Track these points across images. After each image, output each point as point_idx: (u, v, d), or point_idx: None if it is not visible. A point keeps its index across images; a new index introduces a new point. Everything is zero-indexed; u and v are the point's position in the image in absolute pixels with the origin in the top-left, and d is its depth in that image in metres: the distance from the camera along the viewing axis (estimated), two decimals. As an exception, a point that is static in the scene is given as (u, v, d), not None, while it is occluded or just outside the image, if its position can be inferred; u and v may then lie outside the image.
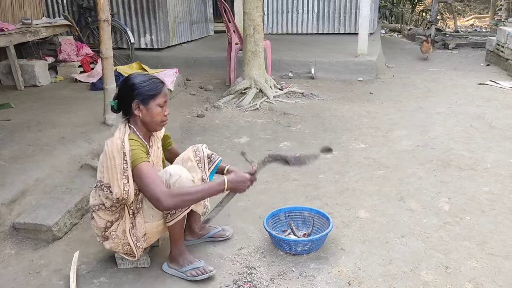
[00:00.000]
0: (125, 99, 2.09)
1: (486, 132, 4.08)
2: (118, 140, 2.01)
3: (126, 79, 2.12)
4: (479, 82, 5.83)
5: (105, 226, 2.12)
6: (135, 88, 2.06)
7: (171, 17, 6.88)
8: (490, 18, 13.68)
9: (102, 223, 2.11)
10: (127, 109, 2.10)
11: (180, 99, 5.31)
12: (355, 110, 4.87)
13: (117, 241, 2.11)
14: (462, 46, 8.96)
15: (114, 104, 2.15)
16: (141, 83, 2.08)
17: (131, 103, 2.07)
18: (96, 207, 2.11)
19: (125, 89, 2.09)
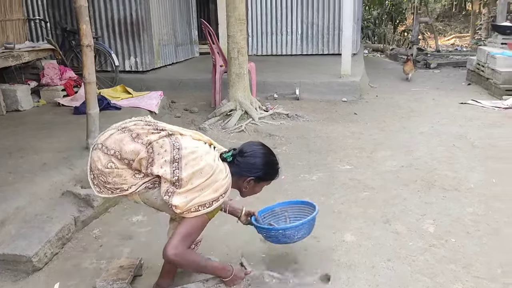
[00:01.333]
0: (246, 172, 2.01)
1: (468, 152, 4.13)
2: (228, 181, 1.92)
3: (255, 153, 2.03)
4: (461, 101, 5.93)
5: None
6: (260, 169, 2.03)
7: (155, 39, 6.91)
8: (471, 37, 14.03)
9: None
10: (238, 173, 2.00)
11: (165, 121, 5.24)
12: (340, 131, 4.90)
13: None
14: (444, 66, 9.15)
15: (228, 159, 1.99)
16: (271, 164, 2.08)
17: (251, 176, 2.01)
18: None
19: (252, 164, 2.01)
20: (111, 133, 1.97)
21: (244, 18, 5.05)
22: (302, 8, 8.35)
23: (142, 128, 1.96)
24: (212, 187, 1.86)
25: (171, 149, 1.88)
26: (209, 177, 1.86)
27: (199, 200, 1.84)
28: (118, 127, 1.99)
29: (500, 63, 6.10)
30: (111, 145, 1.92)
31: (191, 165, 1.85)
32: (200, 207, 1.85)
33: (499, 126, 4.83)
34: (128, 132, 1.94)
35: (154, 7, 6.85)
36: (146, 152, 1.87)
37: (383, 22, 13.05)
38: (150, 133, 1.94)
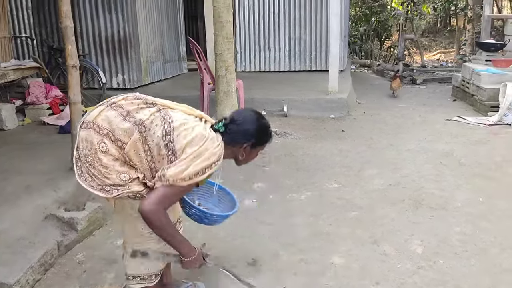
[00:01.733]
0: (241, 135, 1.97)
1: (455, 169, 4.15)
2: (220, 149, 1.87)
3: (246, 119, 2.00)
4: (447, 118, 5.99)
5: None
6: (258, 132, 2.00)
7: (143, 56, 6.90)
8: (455, 52, 14.25)
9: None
10: (232, 141, 1.96)
11: (152, 140, 5.24)
12: (328, 148, 4.90)
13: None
14: (430, 81, 9.26)
15: (221, 129, 1.94)
16: (265, 127, 2.04)
17: (244, 143, 1.98)
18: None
19: (248, 128, 1.97)
20: (101, 109, 1.89)
21: (231, 36, 5.06)
22: (289, 25, 8.42)
23: (132, 103, 1.90)
24: (204, 155, 1.82)
25: (162, 123, 1.84)
26: (201, 146, 1.82)
27: (193, 169, 1.79)
28: (108, 103, 1.92)
29: (485, 80, 6.18)
30: (102, 124, 1.84)
31: (183, 135, 1.83)
32: (194, 175, 1.80)
33: (485, 143, 4.88)
34: (119, 109, 1.87)
35: (142, 24, 6.85)
36: (138, 133, 1.82)
37: (370, 38, 13.23)
38: (140, 108, 1.89)
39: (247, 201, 3.61)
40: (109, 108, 1.89)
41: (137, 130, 1.82)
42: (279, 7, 8.40)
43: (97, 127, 1.84)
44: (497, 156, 4.43)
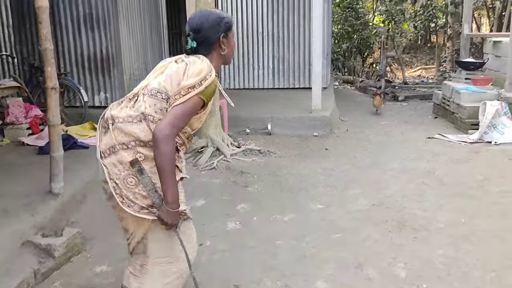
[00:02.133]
0: (213, 34, 1.98)
1: (437, 189, 4.18)
2: (206, 62, 1.92)
3: (207, 17, 2.00)
4: (428, 135, 6.06)
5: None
6: (221, 20, 2.01)
7: (126, 74, 6.84)
8: (436, 69, 14.50)
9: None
10: (208, 46, 1.99)
11: (134, 159, 5.17)
12: (311, 167, 4.90)
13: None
14: (411, 98, 9.38)
15: (193, 45, 1.97)
16: (221, 14, 2.04)
17: (219, 37, 1.99)
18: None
19: (212, 26, 1.98)
20: (106, 130, 1.93)
21: (214, 56, 5.06)
22: (273, 43, 8.49)
23: (121, 108, 1.94)
24: (195, 73, 1.87)
25: (154, 101, 1.89)
26: (186, 68, 1.90)
27: (189, 82, 1.84)
28: (105, 124, 1.94)
29: (465, 98, 6.29)
30: (123, 138, 1.87)
31: (169, 77, 1.90)
32: (190, 89, 1.83)
33: (466, 161, 4.94)
34: (119, 119, 1.89)
35: (125, 42, 6.81)
36: (152, 123, 1.86)
37: (352, 55, 13.39)
38: (131, 105, 1.92)
39: (230, 224, 3.57)
40: (113, 125, 1.89)
41: (150, 121, 1.86)
42: (263, 26, 8.47)
43: (123, 144, 1.86)
44: (478, 175, 4.47)
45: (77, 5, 6.48)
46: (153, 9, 7.91)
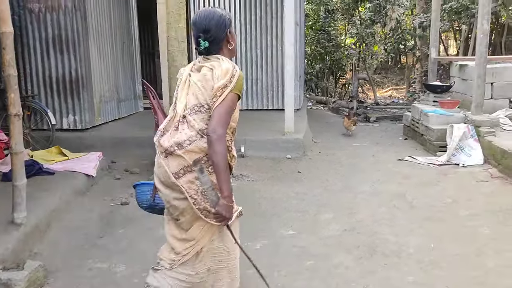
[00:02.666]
0: (221, 32, 2.17)
1: (407, 212, 4.22)
2: (227, 60, 2.14)
3: (212, 17, 2.17)
4: (399, 157, 6.14)
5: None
6: (224, 18, 2.18)
7: (96, 96, 6.74)
8: (406, 89, 14.86)
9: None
10: (219, 43, 2.18)
11: (103, 185, 5.06)
12: (284, 191, 4.88)
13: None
14: (382, 119, 9.55)
15: (206, 45, 2.15)
16: (222, 12, 2.21)
17: (226, 33, 2.18)
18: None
19: (219, 25, 2.16)
20: (167, 162, 2.12)
21: (186, 80, 5.03)
22: (246, 65, 8.52)
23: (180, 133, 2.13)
24: (222, 74, 2.08)
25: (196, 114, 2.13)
26: (213, 73, 2.11)
27: (218, 85, 2.05)
28: (168, 150, 2.12)
29: (433, 121, 6.43)
30: (192, 155, 2.08)
31: (202, 88, 2.12)
32: (223, 88, 2.04)
33: (435, 184, 5.01)
34: (189, 146, 2.09)
35: (96, 64, 6.73)
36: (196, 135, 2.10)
37: (325, 76, 13.61)
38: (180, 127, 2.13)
39: (200, 253, 3.49)
40: (183, 149, 2.09)
41: (194, 134, 2.11)
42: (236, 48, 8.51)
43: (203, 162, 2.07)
44: (446, 198, 4.54)
45: (46, 27, 6.38)
46: (125, 30, 7.87)
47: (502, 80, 6.85)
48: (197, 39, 2.16)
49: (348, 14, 12.60)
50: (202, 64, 2.19)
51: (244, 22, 8.42)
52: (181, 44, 4.89)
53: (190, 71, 2.22)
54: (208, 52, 2.18)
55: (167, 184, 2.15)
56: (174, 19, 4.83)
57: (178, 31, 4.87)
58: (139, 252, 3.52)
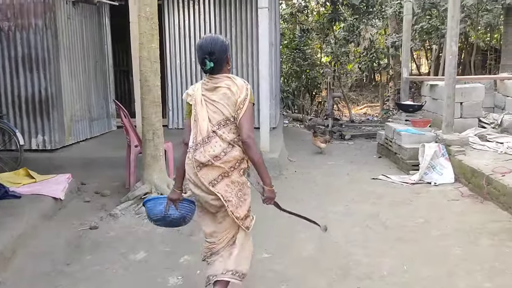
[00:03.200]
0: (223, 55, 2.54)
1: (380, 233, 4.22)
2: (241, 80, 2.58)
3: (216, 42, 2.54)
4: (373, 176, 6.19)
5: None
6: (225, 43, 2.56)
7: (67, 116, 6.60)
8: (380, 107, 15.11)
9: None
10: (221, 64, 2.55)
11: (71, 208, 4.92)
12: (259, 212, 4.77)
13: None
14: (357, 137, 9.65)
15: (211, 65, 2.51)
16: (223, 38, 2.59)
17: (226, 55, 2.56)
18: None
19: (222, 49, 2.54)
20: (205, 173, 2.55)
21: (159, 100, 4.99)
22: (221, 83, 8.51)
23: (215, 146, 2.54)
24: (239, 90, 2.52)
25: (225, 127, 2.57)
26: (231, 90, 2.53)
27: (240, 99, 2.50)
28: (205, 163, 2.53)
29: (405, 140, 6.52)
30: (224, 164, 2.56)
31: (225, 105, 2.53)
32: (244, 101, 2.50)
33: (408, 203, 5.05)
34: (225, 156, 2.54)
35: (67, 83, 6.61)
36: (236, 145, 2.57)
37: (301, 94, 13.73)
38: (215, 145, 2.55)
39: (172, 279, 3.41)
40: (220, 160, 2.54)
41: (237, 143, 2.58)
42: (211, 66, 8.51)
43: (231, 168, 2.57)
44: (419, 217, 4.58)
45: (16, 46, 6.25)
46: (98, 48, 7.79)
47: (471, 99, 7.03)
48: (203, 60, 2.52)
49: (323, 33, 12.79)
50: (214, 85, 2.56)
51: (219, 41, 8.45)
52: (153, 65, 4.84)
53: (202, 92, 2.57)
54: (212, 72, 2.55)
55: (204, 190, 2.57)
56: (147, 39, 4.78)
57: (151, 51, 4.82)
58: (107, 279, 3.41)
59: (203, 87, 2.59)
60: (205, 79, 2.60)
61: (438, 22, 11.17)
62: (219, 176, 2.53)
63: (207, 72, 2.55)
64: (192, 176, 2.57)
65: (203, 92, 2.57)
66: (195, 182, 2.57)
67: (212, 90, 2.55)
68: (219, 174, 2.53)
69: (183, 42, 8.46)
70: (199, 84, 2.64)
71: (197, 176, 2.53)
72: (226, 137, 2.53)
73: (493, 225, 4.32)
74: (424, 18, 11.64)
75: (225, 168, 2.52)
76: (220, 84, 2.53)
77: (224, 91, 2.52)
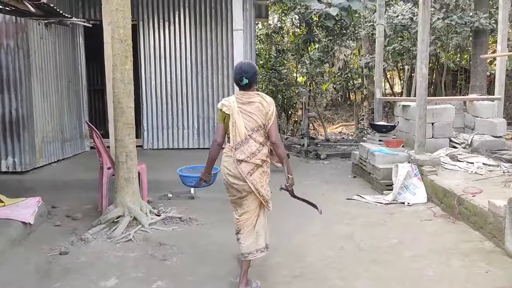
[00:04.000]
0: (254, 76, 3.37)
1: (355, 255, 4.24)
2: (268, 97, 3.44)
3: (251, 65, 3.43)
4: (348, 196, 6.24)
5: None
6: (255, 67, 3.44)
7: (39, 137, 6.47)
8: (355, 126, 15.33)
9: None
10: (252, 83, 3.38)
11: (41, 232, 4.78)
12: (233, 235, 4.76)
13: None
14: (332, 156, 9.74)
15: (246, 82, 3.32)
16: (254, 63, 3.53)
17: (256, 77, 3.39)
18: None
19: (254, 71, 3.39)
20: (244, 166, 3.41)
21: (132, 122, 4.94)
22: (197, 103, 8.53)
23: (250, 146, 3.38)
24: (269, 104, 3.37)
25: (256, 132, 3.39)
26: (262, 104, 3.36)
27: (270, 111, 3.35)
28: (243, 159, 3.36)
29: (379, 160, 6.62)
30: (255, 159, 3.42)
31: (258, 115, 3.35)
32: (272, 112, 3.36)
33: (382, 224, 5.10)
34: (258, 153, 3.40)
35: (39, 103, 6.49)
36: (265, 145, 3.44)
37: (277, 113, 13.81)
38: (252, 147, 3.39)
39: (143, 307, 3.32)
40: (255, 157, 3.40)
41: (266, 143, 3.45)
42: (187, 86, 8.53)
43: (263, 161, 3.47)
44: (393, 238, 4.62)
45: (-15, 65, 6.12)
46: (72, 68, 7.70)
47: (442, 120, 7.21)
48: (241, 77, 3.32)
49: (298, 54, 12.97)
50: (248, 99, 3.35)
51: (195, 62, 8.49)
52: (127, 86, 4.81)
53: (238, 105, 3.34)
54: (245, 88, 3.36)
55: (240, 179, 3.38)
56: (120, 61, 4.75)
57: (125, 73, 4.79)
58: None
59: (238, 100, 3.36)
60: (238, 94, 3.39)
61: (409, 43, 11.48)
62: (254, 168, 3.38)
63: (242, 87, 3.37)
64: (232, 169, 3.39)
65: (238, 105, 3.34)
66: (235, 174, 3.39)
67: (246, 104, 3.34)
68: (253, 166, 3.38)
69: (158, 62, 8.46)
70: (232, 98, 3.40)
71: (237, 169, 3.36)
72: (258, 140, 3.36)
73: (465, 245, 4.39)
74: (396, 40, 11.95)
75: (258, 162, 3.39)
76: (253, 100, 3.34)
77: (257, 105, 3.33)
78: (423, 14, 6.29)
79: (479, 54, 10.23)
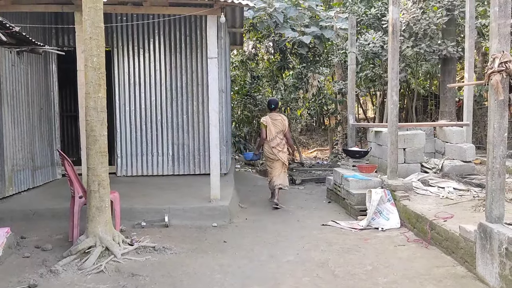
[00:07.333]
0: (277, 104, 7.49)
1: (330, 283, 4.23)
2: (285, 116, 7.51)
3: (276, 101, 7.59)
4: (323, 222, 6.27)
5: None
6: (279, 100, 8.65)
7: (8, 165, 6.31)
8: (330, 151, 15.52)
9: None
10: (276, 108, 7.40)
11: (9, 264, 4.61)
12: (208, 264, 4.73)
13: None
14: (307, 181, 9.81)
15: (273, 107, 7.33)
16: (276, 99, 8.36)
17: (278, 105, 7.53)
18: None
19: (277, 102, 7.62)
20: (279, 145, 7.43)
21: (105, 150, 4.88)
22: (172, 130, 8.51)
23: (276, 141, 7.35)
24: (285, 119, 7.42)
25: (280, 134, 7.37)
26: (283, 118, 7.38)
27: (287, 124, 7.39)
28: (280, 143, 7.40)
29: (353, 185, 6.70)
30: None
31: (282, 124, 7.34)
32: (287, 125, 7.35)
33: (357, 250, 5.13)
34: (284, 142, 7.42)
35: (9, 131, 6.36)
36: (284, 140, 7.44)
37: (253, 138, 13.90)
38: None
39: None
40: (284, 141, 7.50)
41: (284, 139, 7.44)
42: (162, 113, 8.51)
43: (284, 145, 7.39)
44: (367, 265, 4.64)
45: (-46, 92, 5.99)
46: (44, 95, 7.61)
47: (413, 145, 7.38)
48: (272, 105, 7.34)
49: (273, 80, 13.17)
50: (275, 117, 7.23)
51: (170, 88, 8.50)
52: (100, 114, 4.77)
53: (271, 120, 7.17)
54: (273, 110, 7.31)
55: (275, 158, 7.24)
56: (94, 89, 4.73)
57: (98, 101, 4.75)
58: None
59: (270, 117, 7.20)
60: (270, 114, 7.26)
61: (381, 70, 11.82)
62: (280, 151, 7.19)
63: (272, 110, 7.31)
64: (270, 153, 7.25)
65: (271, 120, 7.15)
66: (272, 152, 7.21)
67: (274, 119, 7.17)
68: (280, 150, 7.19)
69: (133, 89, 8.44)
70: (267, 117, 7.23)
71: (273, 152, 7.18)
72: (280, 137, 7.20)
73: (437, 270, 4.45)
74: (368, 67, 12.29)
75: (282, 148, 7.21)
76: (277, 117, 7.20)
77: (280, 120, 7.20)
78: (392, 43, 6.51)
79: (448, 81, 10.61)
